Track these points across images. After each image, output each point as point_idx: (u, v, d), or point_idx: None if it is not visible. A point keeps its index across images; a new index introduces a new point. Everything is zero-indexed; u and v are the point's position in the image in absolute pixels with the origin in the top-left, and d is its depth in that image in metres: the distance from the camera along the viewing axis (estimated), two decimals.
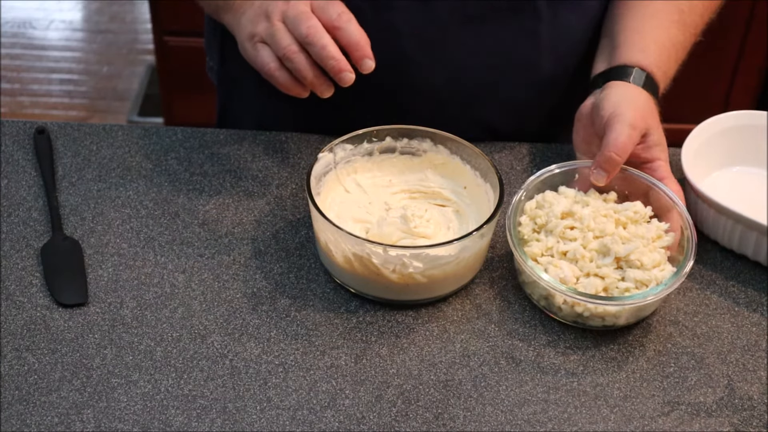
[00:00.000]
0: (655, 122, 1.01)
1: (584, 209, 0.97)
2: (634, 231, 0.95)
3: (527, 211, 0.98)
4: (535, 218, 0.97)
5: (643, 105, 1.00)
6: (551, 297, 0.94)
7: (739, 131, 1.11)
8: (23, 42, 3.21)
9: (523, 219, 0.98)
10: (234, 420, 0.86)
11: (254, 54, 0.97)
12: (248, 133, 1.17)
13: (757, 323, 0.97)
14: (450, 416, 0.87)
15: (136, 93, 2.97)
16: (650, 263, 0.93)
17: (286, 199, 1.08)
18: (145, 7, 3.31)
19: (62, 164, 1.11)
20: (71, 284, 0.96)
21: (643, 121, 0.98)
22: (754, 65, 2.41)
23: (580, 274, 0.94)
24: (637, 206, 0.98)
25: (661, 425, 0.87)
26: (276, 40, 0.94)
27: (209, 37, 1.28)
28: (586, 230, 0.95)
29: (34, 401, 0.86)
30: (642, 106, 1.00)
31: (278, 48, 0.94)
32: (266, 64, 0.96)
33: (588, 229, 0.95)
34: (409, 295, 0.95)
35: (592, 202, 0.98)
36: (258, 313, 0.95)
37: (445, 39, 1.10)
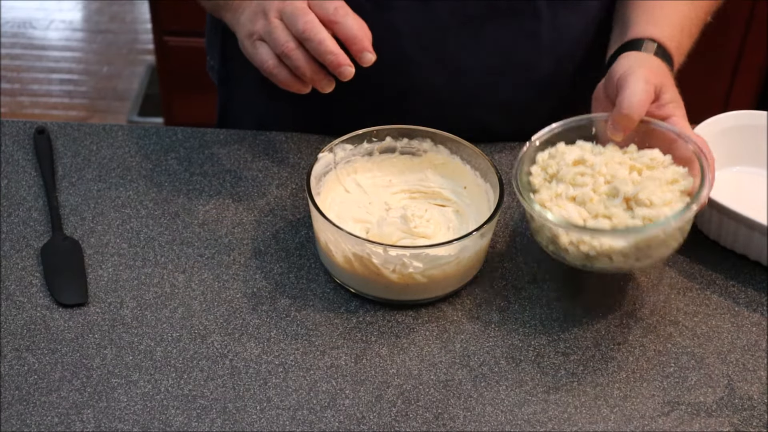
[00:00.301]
0: (669, 81, 0.98)
1: (597, 157, 0.93)
2: (648, 175, 0.91)
3: (539, 161, 0.95)
4: (546, 168, 0.94)
5: (656, 66, 0.98)
6: (557, 239, 0.90)
7: (739, 131, 1.11)
8: (23, 42, 3.21)
9: (534, 169, 0.94)
10: (234, 420, 0.86)
11: (253, 52, 0.97)
12: (248, 133, 1.17)
13: (757, 323, 0.97)
14: (450, 416, 0.87)
15: (136, 93, 2.97)
16: (660, 202, 0.88)
17: (286, 199, 1.08)
18: (145, 7, 3.31)
19: (62, 164, 1.11)
20: (71, 284, 0.96)
21: (657, 78, 0.95)
22: (754, 65, 2.41)
23: (587, 216, 0.90)
24: (655, 153, 0.93)
25: (661, 425, 0.87)
26: (273, 38, 0.94)
27: (210, 36, 1.28)
28: (597, 176, 0.92)
29: (34, 401, 0.86)
30: (655, 66, 0.97)
31: (276, 45, 0.94)
32: (265, 61, 0.96)
33: (599, 174, 0.92)
34: (409, 295, 0.95)
35: (607, 152, 0.94)
36: (258, 313, 0.95)
37: (445, 39, 1.10)
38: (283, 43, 0.94)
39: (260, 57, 0.96)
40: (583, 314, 0.97)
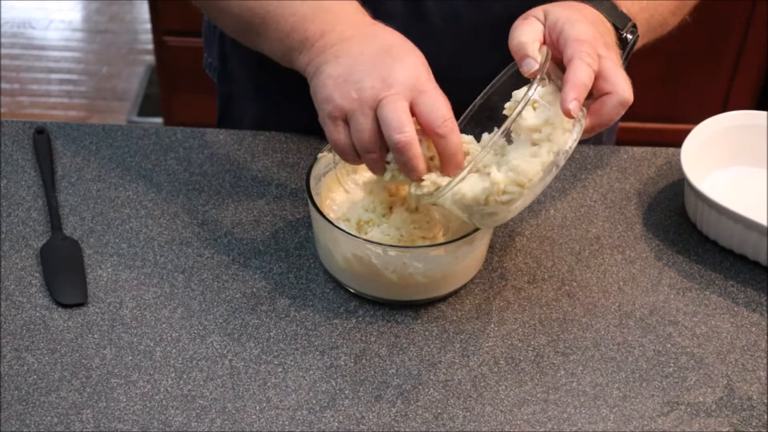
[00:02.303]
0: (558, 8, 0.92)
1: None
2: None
3: None
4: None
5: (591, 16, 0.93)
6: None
7: (739, 131, 1.11)
8: (23, 42, 3.21)
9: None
10: (233, 420, 0.86)
11: (331, 129, 0.89)
12: (248, 133, 1.17)
13: (756, 323, 0.97)
14: (449, 416, 0.87)
15: (135, 93, 2.96)
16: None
17: (286, 199, 1.08)
18: (145, 7, 3.31)
19: (62, 164, 1.11)
20: (71, 284, 0.96)
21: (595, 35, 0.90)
22: (754, 65, 2.41)
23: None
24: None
25: (661, 425, 0.87)
26: (360, 137, 0.87)
27: (208, 34, 1.28)
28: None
29: (33, 401, 0.86)
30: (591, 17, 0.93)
31: (360, 143, 0.87)
32: (340, 144, 0.89)
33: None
34: (408, 295, 0.95)
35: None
36: (257, 313, 0.95)
37: (440, 49, 1.10)
38: (368, 149, 0.87)
39: (337, 138, 0.89)
40: (583, 314, 0.97)
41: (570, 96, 0.84)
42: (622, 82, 0.88)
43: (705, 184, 1.08)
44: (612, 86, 0.88)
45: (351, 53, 0.89)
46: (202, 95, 1.95)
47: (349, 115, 0.87)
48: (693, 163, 1.05)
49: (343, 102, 0.87)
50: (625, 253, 1.04)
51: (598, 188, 1.12)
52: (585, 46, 0.87)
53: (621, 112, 0.89)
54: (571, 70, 0.86)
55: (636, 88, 0.91)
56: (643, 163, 1.16)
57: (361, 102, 0.86)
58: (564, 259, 1.03)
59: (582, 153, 1.16)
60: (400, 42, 0.91)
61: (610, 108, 0.89)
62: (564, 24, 0.89)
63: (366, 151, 0.88)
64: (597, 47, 0.88)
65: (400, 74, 0.86)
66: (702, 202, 1.03)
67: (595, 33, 0.90)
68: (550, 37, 0.90)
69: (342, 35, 0.91)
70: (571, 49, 0.87)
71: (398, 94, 0.86)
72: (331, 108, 0.88)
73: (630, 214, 1.09)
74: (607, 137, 1.29)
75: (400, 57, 0.88)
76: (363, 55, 0.88)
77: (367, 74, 0.87)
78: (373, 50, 0.89)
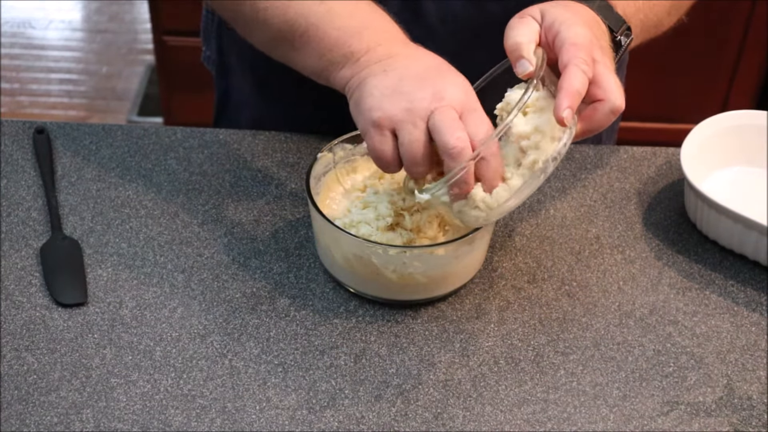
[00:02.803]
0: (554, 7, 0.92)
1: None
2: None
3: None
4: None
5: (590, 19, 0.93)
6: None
7: (739, 131, 1.11)
8: (22, 42, 3.21)
9: None
10: (233, 420, 0.86)
11: (377, 138, 0.86)
12: (247, 132, 1.17)
13: (756, 323, 0.97)
14: (449, 416, 0.87)
15: (135, 93, 2.96)
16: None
17: (286, 199, 1.08)
18: (145, 7, 3.31)
19: (61, 164, 1.11)
20: (71, 284, 0.96)
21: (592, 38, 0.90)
22: (754, 65, 2.41)
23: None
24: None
25: (661, 425, 0.87)
26: (411, 149, 0.85)
27: (207, 27, 1.27)
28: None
29: (33, 401, 0.86)
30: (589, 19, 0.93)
31: (409, 155, 0.86)
32: (385, 155, 0.87)
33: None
34: (408, 294, 0.95)
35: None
36: (257, 313, 0.95)
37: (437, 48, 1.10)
38: (417, 162, 0.86)
39: (381, 147, 0.87)
40: (583, 314, 0.97)
41: (564, 104, 0.84)
42: (615, 89, 0.88)
43: (705, 184, 1.08)
44: (604, 93, 0.88)
45: (398, 68, 0.88)
46: (202, 95, 1.95)
47: (399, 125, 0.85)
48: (693, 163, 1.05)
49: (393, 111, 0.85)
50: (625, 252, 1.04)
51: (598, 188, 1.12)
52: (581, 52, 0.87)
53: (612, 119, 0.89)
54: (566, 77, 0.86)
55: (636, 87, 0.91)
56: (643, 163, 1.16)
57: (413, 112, 0.85)
58: (564, 259, 1.03)
59: (582, 153, 1.16)
60: (445, 63, 0.91)
61: (601, 115, 0.89)
62: (561, 25, 0.89)
63: (414, 163, 0.86)
64: (593, 52, 0.88)
65: (451, 90, 0.86)
66: (702, 202, 1.03)
67: (591, 36, 0.90)
68: (546, 37, 0.90)
69: (388, 51, 0.90)
70: (567, 54, 0.87)
71: (450, 107, 0.85)
72: (379, 116, 0.85)
73: (630, 213, 1.09)
74: (607, 137, 1.29)
75: (449, 75, 0.88)
76: (410, 71, 0.88)
77: (418, 87, 0.86)
78: (420, 67, 0.88)
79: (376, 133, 0.86)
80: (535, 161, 0.86)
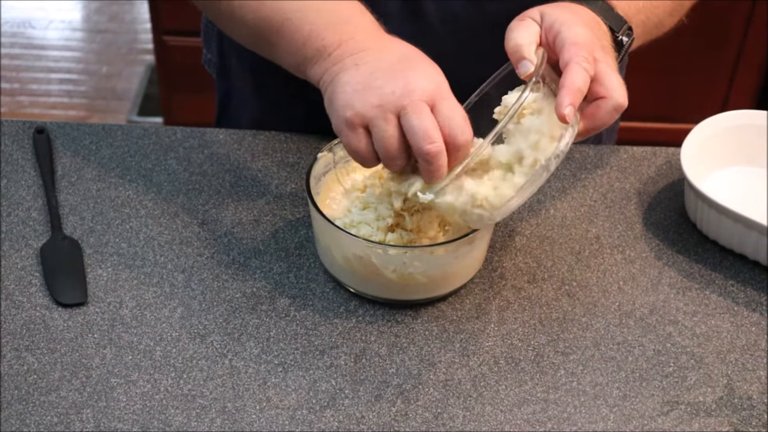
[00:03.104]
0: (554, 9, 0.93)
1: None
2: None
3: None
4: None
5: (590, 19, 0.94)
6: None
7: (739, 131, 1.11)
8: (22, 42, 3.21)
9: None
10: (233, 420, 0.86)
11: (350, 135, 0.87)
12: (248, 132, 1.17)
13: (756, 323, 0.97)
14: (449, 416, 0.87)
15: (135, 93, 2.96)
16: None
17: (286, 199, 1.08)
18: (145, 7, 3.31)
19: (61, 164, 1.11)
20: (71, 284, 0.96)
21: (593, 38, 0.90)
22: (754, 65, 2.41)
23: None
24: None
25: (661, 425, 0.87)
26: (385, 145, 0.86)
27: (207, 30, 1.27)
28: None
29: (33, 401, 0.86)
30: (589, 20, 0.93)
31: (384, 150, 0.86)
32: (360, 151, 0.88)
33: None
34: (408, 294, 0.95)
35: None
36: (257, 313, 0.95)
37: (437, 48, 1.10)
38: (392, 156, 0.86)
39: (356, 144, 0.87)
40: (583, 314, 0.97)
41: (565, 101, 0.84)
42: (618, 86, 0.88)
43: (705, 184, 1.08)
44: (607, 90, 0.88)
45: (369, 62, 0.88)
46: (202, 95, 1.95)
47: (371, 122, 0.86)
48: (693, 162, 1.05)
49: (364, 108, 0.85)
50: (625, 252, 1.04)
51: (598, 188, 1.12)
52: (582, 50, 0.87)
53: (615, 116, 0.90)
54: (567, 75, 0.86)
55: (636, 87, 0.91)
56: (643, 163, 1.16)
57: (384, 108, 0.85)
58: (564, 259, 1.03)
59: (582, 153, 1.16)
60: (418, 53, 0.91)
61: (604, 112, 0.89)
62: (561, 26, 0.89)
63: (390, 158, 0.87)
64: (594, 51, 0.88)
65: (421, 81, 0.86)
66: (702, 202, 1.03)
67: (592, 36, 0.90)
68: (547, 38, 0.90)
69: (359, 45, 0.90)
70: (569, 53, 0.87)
71: (420, 101, 0.85)
72: (351, 114, 0.86)
73: (630, 213, 1.09)
74: (607, 137, 1.29)
75: (420, 66, 0.88)
76: (382, 63, 0.88)
77: (389, 81, 0.86)
78: (392, 59, 0.88)
79: (350, 131, 0.87)
80: (536, 161, 0.86)
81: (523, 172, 0.87)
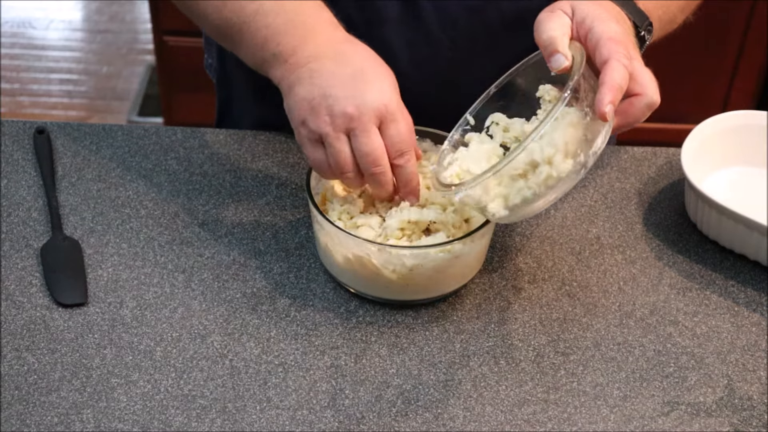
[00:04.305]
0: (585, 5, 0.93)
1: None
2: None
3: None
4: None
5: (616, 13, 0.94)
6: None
7: (739, 131, 1.11)
8: (23, 42, 3.21)
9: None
10: (234, 420, 0.86)
11: (310, 150, 0.92)
12: (248, 133, 1.17)
13: (756, 323, 0.97)
14: (450, 416, 0.87)
15: (135, 93, 2.97)
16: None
17: (286, 199, 1.08)
18: (145, 7, 3.31)
19: (62, 164, 1.11)
20: (71, 284, 0.96)
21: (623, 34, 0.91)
22: (754, 65, 2.41)
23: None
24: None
25: (661, 425, 0.87)
26: (336, 160, 0.90)
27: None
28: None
29: (33, 401, 0.86)
30: (615, 13, 0.94)
31: (336, 166, 0.91)
32: (318, 164, 0.92)
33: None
34: (409, 295, 0.95)
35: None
36: (258, 313, 0.95)
37: (437, 55, 1.10)
38: (343, 171, 0.91)
39: (314, 157, 0.92)
40: (583, 314, 0.97)
41: (606, 98, 0.85)
42: (651, 83, 0.89)
43: (705, 184, 1.08)
44: (641, 87, 0.89)
45: (323, 75, 0.90)
46: (202, 95, 1.95)
47: (324, 138, 0.90)
48: (693, 163, 1.05)
49: (318, 127, 0.90)
50: (626, 253, 1.04)
51: (598, 188, 1.12)
52: (621, 47, 0.87)
53: (648, 113, 0.90)
54: (607, 71, 0.86)
55: None
56: (643, 163, 1.16)
57: (335, 128, 0.89)
58: (564, 259, 1.03)
59: None
60: (372, 64, 0.92)
61: (637, 109, 0.90)
62: (593, 21, 0.89)
63: (342, 172, 0.91)
64: (629, 47, 0.89)
65: (371, 100, 0.89)
66: (702, 202, 1.03)
67: (624, 32, 0.90)
68: (578, 33, 0.90)
69: (314, 52, 0.92)
70: (607, 49, 0.87)
71: (369, 122, 0.89)
72: (306, 132, 0.91)
73: (630, 214, 1.09)
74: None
75: (372, 81, 0.90)
76: (335, 78, 0.90)
77: (339, 99, 0.89)
78: (345, 73, 0.90)
79: (308, 144, 0.92)
80: (548, 176, 0.86)
81: (536, 184, 0.87)
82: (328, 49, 0.92)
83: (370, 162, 0.90)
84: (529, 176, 0.87)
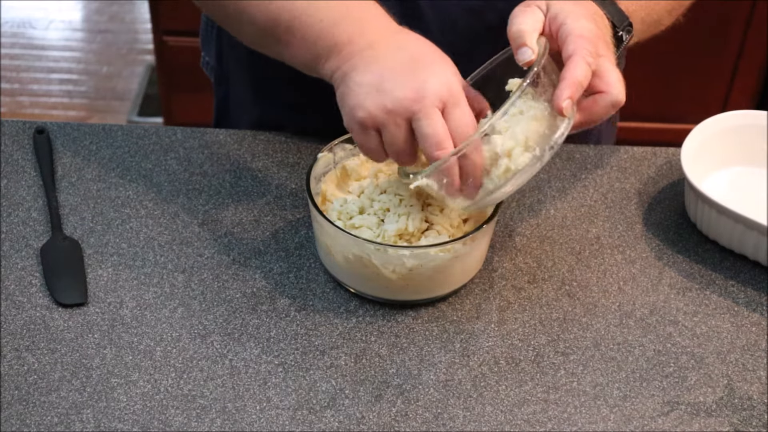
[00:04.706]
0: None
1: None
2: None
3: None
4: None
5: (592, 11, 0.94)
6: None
7: (739, 131, 1.11)
8: (23, 42, 3.21)
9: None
10: (234, 420, 0.86)
11: (361, 135, 0.88)
12: (248, 133, 1.17)
13: (756, 323, 0.97)
14: (450, 416, 0.87)
15: (135, 93, 2.97)
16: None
17: (286, 199, 1.08)
18: (145, 7, 3.31)
19: (62, 164, 1.11)
20: (71, 284, 0.96)
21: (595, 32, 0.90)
22: (754, 65, 2.41)
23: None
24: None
25: (661, 425, 0.87)
26: (395, 146, 0.87)
27: (206, 33, 1.27)
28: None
29: (33, 401, 0.86)
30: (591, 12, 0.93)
31: (393, 151, 0.88)
32: (371, 150, 0.89)
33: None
34: (409, 295, 0.95)
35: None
36: (257, 313, 0.95)
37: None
38: (401, 155, 0.88)
39: (367, 144, 0.89)
40: (583, 314, 0.97)
41: (564, 94, 0.85)
42: (617, 82, 0.89)
43: (705, 184, 1.08)
44: (606, 86, 0.89)
45: (380, 61, 0.88)
46: (202, 95, 1.95)
47: (382, 125, 0.87)
48: (693, 163, 1.05)
49: (376, 112, 0.86)
50: (625, 253, 1.04)
51: (598, 188, 1.12)
52: (587, 44, 0.87)
53: (611, 112, 0.90)
54: (569, 67, 0.86)
55: (636, 87, 0.91)
56: (643, 163, 1.16)
57: (395, 114, 0.86)
58: (564, 259, 1.03)
59: (582, 153, 1.16)
60: (430, 50, 0.90)
61: (601, 107, 0.89)
62: (566, 17, 0.89)
63: (399, 158, 0.89)
64: (597, 45, 0.88)
65: (433, 84, 0.86)
66: (702, 202, 1.03)
67: (596, 30, 0.90)
68: (550, 28, 0.90)
69: (371, 41, 0.89)
70: (573, 45, 0.87)
71: (431, 105, 0.85)
72: (363, 116, 0.87)
73: (630, 214, 1.09)
74: (606, 137, 1.29)
75: (432, 65, 0.88)
76: (393, 63, 0.87)
77: (400, 84, 0.86)
78: (403, 58, 0.88)
79: (361, 131, 0.88)
80: (507, 169, 0.87)
81: (496, 177, 0.88)
82: (384, 38, 0.90)
83: (433, 145, 0.85)
84: (490, 168, 0.88)
